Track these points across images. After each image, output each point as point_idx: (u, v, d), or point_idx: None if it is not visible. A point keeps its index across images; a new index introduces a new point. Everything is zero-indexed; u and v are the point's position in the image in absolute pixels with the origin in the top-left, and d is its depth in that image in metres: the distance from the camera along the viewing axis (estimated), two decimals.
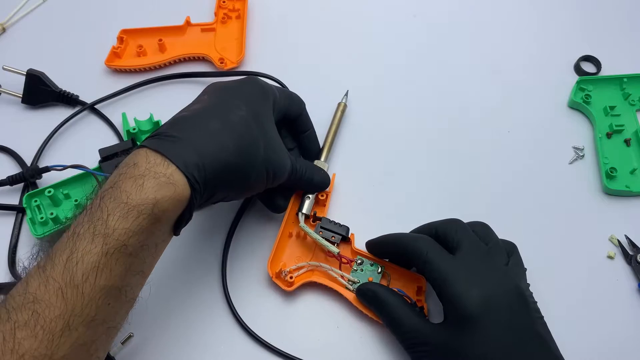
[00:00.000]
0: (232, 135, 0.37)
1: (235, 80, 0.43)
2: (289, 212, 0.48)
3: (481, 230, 0.43)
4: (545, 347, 0.37)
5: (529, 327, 0.37)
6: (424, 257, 0.40)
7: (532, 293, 0.41)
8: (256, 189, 0.42)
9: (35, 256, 0.36)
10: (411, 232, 0.46)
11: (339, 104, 0.55)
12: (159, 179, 0.33)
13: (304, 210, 0.47)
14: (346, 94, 0.56)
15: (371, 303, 0.43)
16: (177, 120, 0.38)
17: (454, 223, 0.42)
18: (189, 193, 0.34)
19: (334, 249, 0.45)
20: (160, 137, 0.35)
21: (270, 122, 0.42)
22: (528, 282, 0.42)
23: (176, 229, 0.36)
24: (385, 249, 0.46)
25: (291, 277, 0.45)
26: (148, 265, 0.35)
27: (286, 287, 0.45)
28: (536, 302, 0.40)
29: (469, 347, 0.36)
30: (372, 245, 0.46)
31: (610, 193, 0.52)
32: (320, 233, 0.47)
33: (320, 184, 0.48)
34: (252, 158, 0.38)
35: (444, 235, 0.42)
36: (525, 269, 0.43)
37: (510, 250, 0.43)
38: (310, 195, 0.48)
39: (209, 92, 0.42)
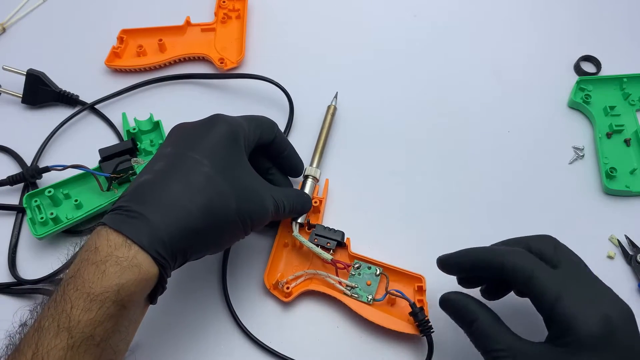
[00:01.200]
0: (195, 198, 0.35)
1: (200, 125, 0.40)
2: (284, 222, 0.48)
3: (556, 245, 0.40)
4: None
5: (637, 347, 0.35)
6: (528, 273, 0.36)
7: None
8: (236, 240, 0.40)
9: (3, 352, 0.33)
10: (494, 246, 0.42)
11: (329, 107, 0.55)
12: (121, 264, 0.32)
13: (298, 219, 0.47)
14: (335, 96, 0.56)
15: (458, 316, 0.39)
16: (139, 188, 0.36)
17: (548, 239, 0.40)
18: (156, 270, 0.33)
19: (327, 255, 0.45)
20: (121, 213, 0.34)
21: (242, 166, 0.40)
22: None
23: (152, 300, 0.35)
24: (468, 265, 0.40)
25: (288, 288, 0.45)
26: (123, 345, 0.34)
27: (284, 297, 0.45)
28: None
29: None
30: (446, 262, 0.41)
31: (610, 193, 0.52)
32: (315, 240, 0.47)
33: (303, 211, 0.47)
34: (221, 216, 0.36)
35: (539, 252, 0.38)
36: None
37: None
38: None
39: (172, 142, 0.40)
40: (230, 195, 0.37)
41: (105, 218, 0.35)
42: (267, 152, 0.46)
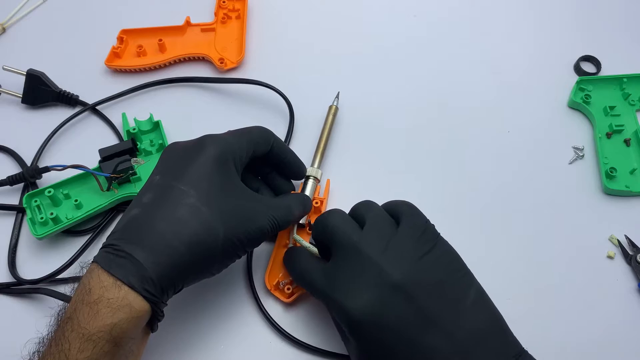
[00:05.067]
0: (181, 234, 0.36)
1: (189, 149, 0.40)
2: None
3: (359, 212, 0.40)
4: (443, 325, 0.35)
5: (420, 314, 0.35)
6: (302, 278, 0.40)
7: (436, 247, 0.38)
8: (230, 263, 0.40)
9: None
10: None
11: (330, 107, 0.55)
12: (112, 305, 0.33)
13: (300, 220, 0.47)
14: (337, 96, 0.56)
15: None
16: (128, 224, 0.37)
17: (328, 216, 0.41)
18: (148, 307, 0.35)
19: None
20: (111, 252, 0.35)
21: (233, 189, 0.40)
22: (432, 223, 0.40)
23: (152, 329, 0.37)
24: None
25: (289, 289, 0.45)
26: None
27: (285, 298, 0.45)
28: (439, 258, 0.37)
29: (369, 355, 0.36)
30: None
31: (610, 193, 0.52)
32: None
33: (303, 215, 0.46)
34: (209, 248, 0.37)
35: (320, 240, 0.41)
36: (425, 222, 0.39)
37: (399, 215, 0.39)
38: None
39: (161, 169, 0.40)
40: (218, 224, 0.37)
41: (98, 256, 0.36)
42: (266, 159, 0.45)
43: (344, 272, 0.37)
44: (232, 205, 0.39)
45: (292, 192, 0.48)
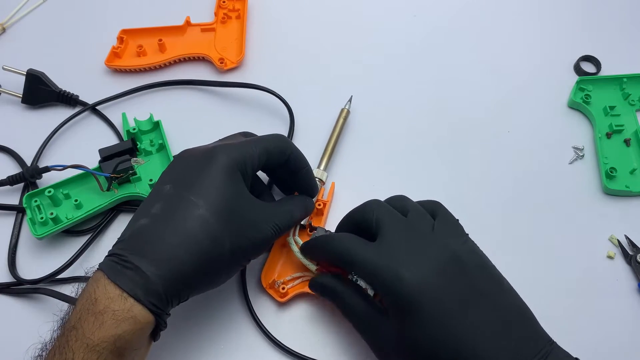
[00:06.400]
0: (189, 247, 0.36)
1: (201, 157, 0.40)
2: None
3: (398, 203, 0.42)
4: (492, 299, 0.36)
5: (472, 287, 0.36)
6: (346, 257, 0.39)
7: (469, 240, 0.40)
8: (234, 274, 0.41)
9: None
10: (336, 228, 0.45)
11: (342, 110, 0.55)
12: (117, 317, 0.33)
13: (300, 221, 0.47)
14: (350, 100, 0.55)
15: (325, 294, 0.44)
16: (136, 235, 0.37)
17: (369, 204, 0.42)
18: (152, 318, 0.35)
19: (311, 266, 0.45)
20: (119, 262, 0.35)
21: (241, 199, 0.39)
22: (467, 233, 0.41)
23: (154, 338, 0.37)
24: (320, 256, 0.44)
25: (283, 288, 0.45)
26: None
27: (279, 298, 0.45)
28: (475, 248, 0.39)
29: (418, 330, 0.35)
30: (307, 250, 0.45)
31: (610, 193, 0.52)
32: None
33: (305, 216, 0.46)
34: (215, 260, 0.37)
35: (363, 220, 0.41)
36: (457, 220, 0.41)
37: (434, 211, 0.41)
38: None
39: (172, 177, 0.40)
40: (224, 237, 0.37)
41: (103, 264, 0.36)
42: (282, 167, 0.44)
43: (397, 247, 0.38)
44: (239, 217, 0.39)
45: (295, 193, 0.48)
